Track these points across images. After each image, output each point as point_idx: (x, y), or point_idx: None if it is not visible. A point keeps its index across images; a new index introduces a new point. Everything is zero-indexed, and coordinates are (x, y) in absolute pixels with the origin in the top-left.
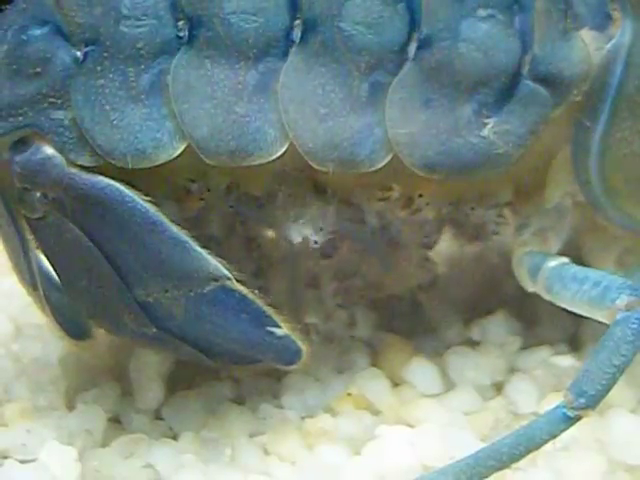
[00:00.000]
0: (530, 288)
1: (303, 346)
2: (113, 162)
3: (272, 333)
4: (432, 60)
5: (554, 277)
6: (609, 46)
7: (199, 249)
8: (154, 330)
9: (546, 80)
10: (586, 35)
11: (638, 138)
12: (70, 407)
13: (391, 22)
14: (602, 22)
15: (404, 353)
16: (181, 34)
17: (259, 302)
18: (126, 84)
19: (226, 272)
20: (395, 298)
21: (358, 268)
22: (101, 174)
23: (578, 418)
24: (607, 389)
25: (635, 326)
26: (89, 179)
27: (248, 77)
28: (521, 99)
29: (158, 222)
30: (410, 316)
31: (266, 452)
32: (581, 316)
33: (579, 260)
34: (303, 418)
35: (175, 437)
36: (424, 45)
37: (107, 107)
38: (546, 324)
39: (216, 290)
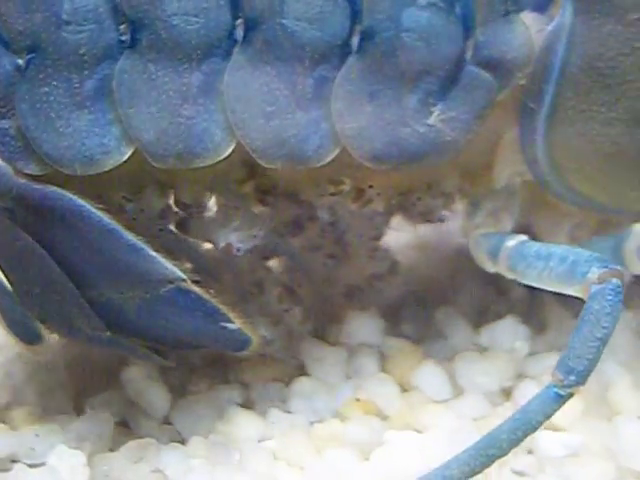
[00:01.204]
0: (491, 269)
1: (253, 336)
2: (61, 170)
3: (225, 327)
4: (375, 52)
5: (516, 256)
6: (550, 27)
7: (154, 254)
8: (108, 334)
9: (489, 65)
10: (527, 17)
11: (582, 117)
12: (78, 411)
13: (333, 16)
14: (543, 3)
15: (413, 358)
16: (123, 38)
17: (213, 300)
18: (70, 91)
19: (181, 274)
20: (401, 302)
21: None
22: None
23: (570, 396)
24: (594, 363)
25: (611, 297)
26: (41, 190)
27: (193, 79)
28: (466, 85)
29: (114, 230)
30: (419, 321)
31: (275, 457)
32: None
33: (532, 238)
34: (312, 423)
35: (183, 442)
36: (367, 37)
37: (52, 115)
38: (554, 330)
39: (172, 291)
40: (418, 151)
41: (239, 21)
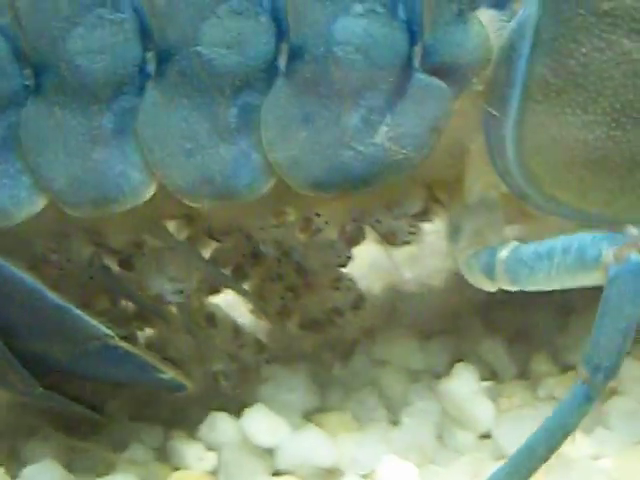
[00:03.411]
0: (492, 288)
1: (187, 382)
2: None
3: (159, 377)
4: (306, 71)
5: (514, 265)
6: (513, 24)
7: (78, 312)
8: (40, 390)
9: (441, 70)
10: (484, 15)
11: (556, 121)
12: (392, 421)
13: (254, 37)
14: None
15: None
16: (28, 83)
17: (143, 354)
18: None
19: (107, 331)
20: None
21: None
22: None
23: (600, 393)
24: (621, 355)
25: (630, 280)
26: None
27: (104, 120)
28: (415, 96)
29: (36, 289)
30: None
31: (610, 477)
32: None
33: None
34: (636, 443)
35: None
36: (295, 56)
37: None
38: None
39: (99, 347)
40: (364, 174)
41: (150, 54)
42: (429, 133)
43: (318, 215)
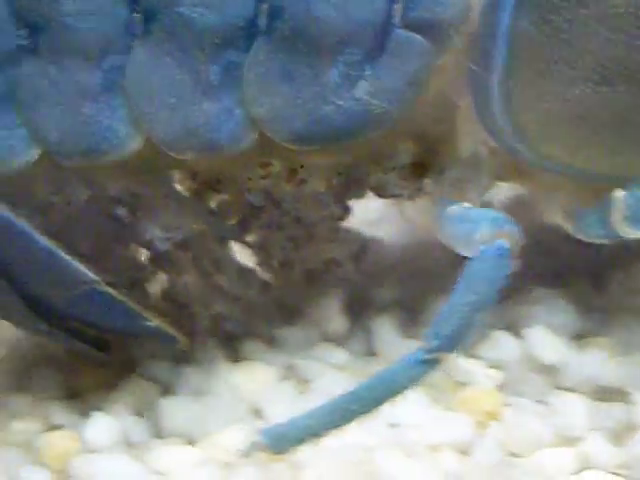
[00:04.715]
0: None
1: (176, 334)
2: None
3: (146, 325)
4: (285, 29)
5: (445, 222)
6: None
7: (67, 257)
8: (46, 326)
9: (421, 27)
10: None
11: (541, 77)
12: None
13: None
14: None
15: None
16: (24, 43)
17: (128, 301)
18: None
19: (93, 276)
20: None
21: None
22: None
23: (435, 361)
24: (462, 330)
25: (491, 260)
26: None
27: (93, 77)
28: (394, 51)
29: (26, 233)
30: None
31: None
32: None
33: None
34: None
35: None
36: (275, 15)
37: None
38: None
39: (88, 291)
40: (345, 127)
41: (136, 15)
42: (409, 88)
43: (302, 167)
